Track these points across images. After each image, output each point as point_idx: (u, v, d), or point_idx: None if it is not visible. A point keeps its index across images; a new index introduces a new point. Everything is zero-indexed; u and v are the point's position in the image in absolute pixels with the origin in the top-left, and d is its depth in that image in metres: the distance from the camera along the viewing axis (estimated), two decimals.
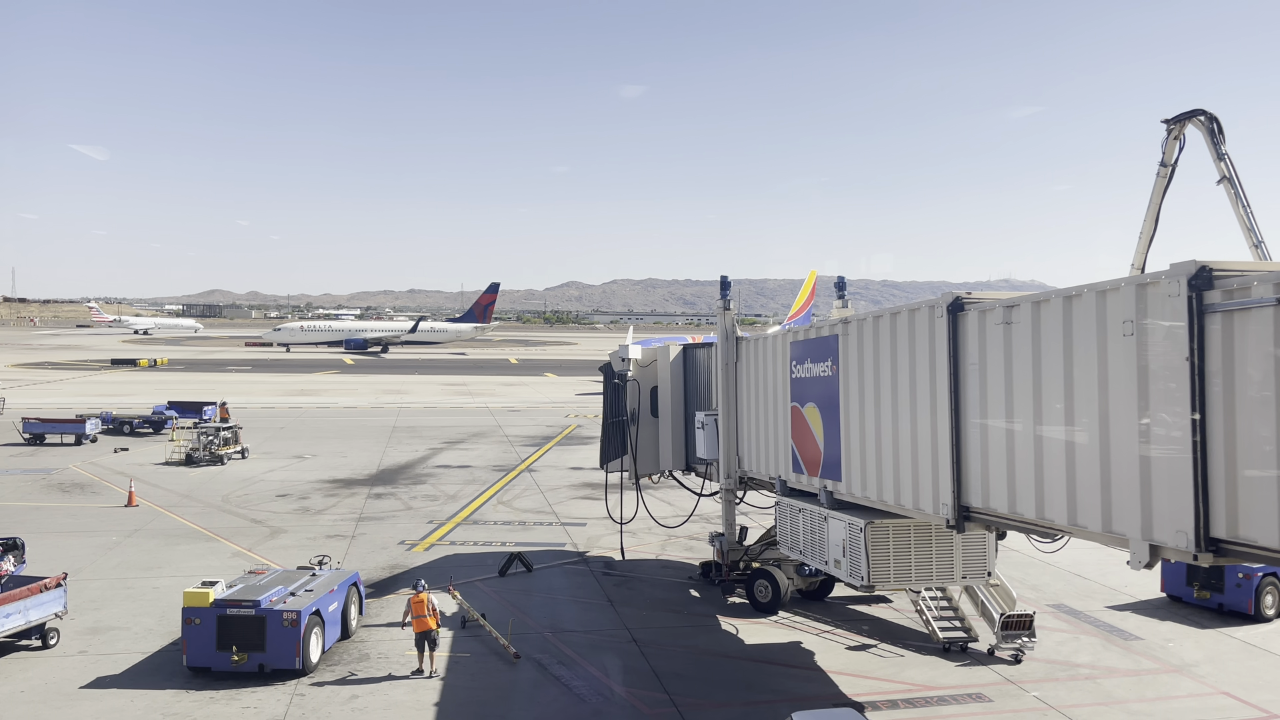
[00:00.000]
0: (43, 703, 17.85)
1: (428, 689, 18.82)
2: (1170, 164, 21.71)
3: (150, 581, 25.98)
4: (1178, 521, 11.26)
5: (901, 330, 17.30)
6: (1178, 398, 11.23)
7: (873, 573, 19.01)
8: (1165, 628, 23.29)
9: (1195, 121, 20.92)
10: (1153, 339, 11.68)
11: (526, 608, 24.13)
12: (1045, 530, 14.29)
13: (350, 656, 20.56)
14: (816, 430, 20.76)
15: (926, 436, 16.45)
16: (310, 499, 37.84)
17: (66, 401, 66.73)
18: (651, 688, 19.08)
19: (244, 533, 31.99)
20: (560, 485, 41.53)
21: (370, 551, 29.72)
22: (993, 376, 14.70)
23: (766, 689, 19.21)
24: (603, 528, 31.72)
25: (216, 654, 19.00)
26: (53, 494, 37.99)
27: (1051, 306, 13.45)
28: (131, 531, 31.84)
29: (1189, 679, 19.99)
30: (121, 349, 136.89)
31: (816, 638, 22.38)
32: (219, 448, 45.71)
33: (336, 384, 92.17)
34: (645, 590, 26.14)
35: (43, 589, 20.64)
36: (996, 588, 21.61)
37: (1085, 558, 27.45)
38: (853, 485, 19.34)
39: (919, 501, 16.83)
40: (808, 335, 21.52)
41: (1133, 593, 25.96)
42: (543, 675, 19.59)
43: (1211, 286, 10.93)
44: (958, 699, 18.73)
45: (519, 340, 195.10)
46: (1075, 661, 20.99)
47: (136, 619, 22.76)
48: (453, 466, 46.00)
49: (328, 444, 52.30)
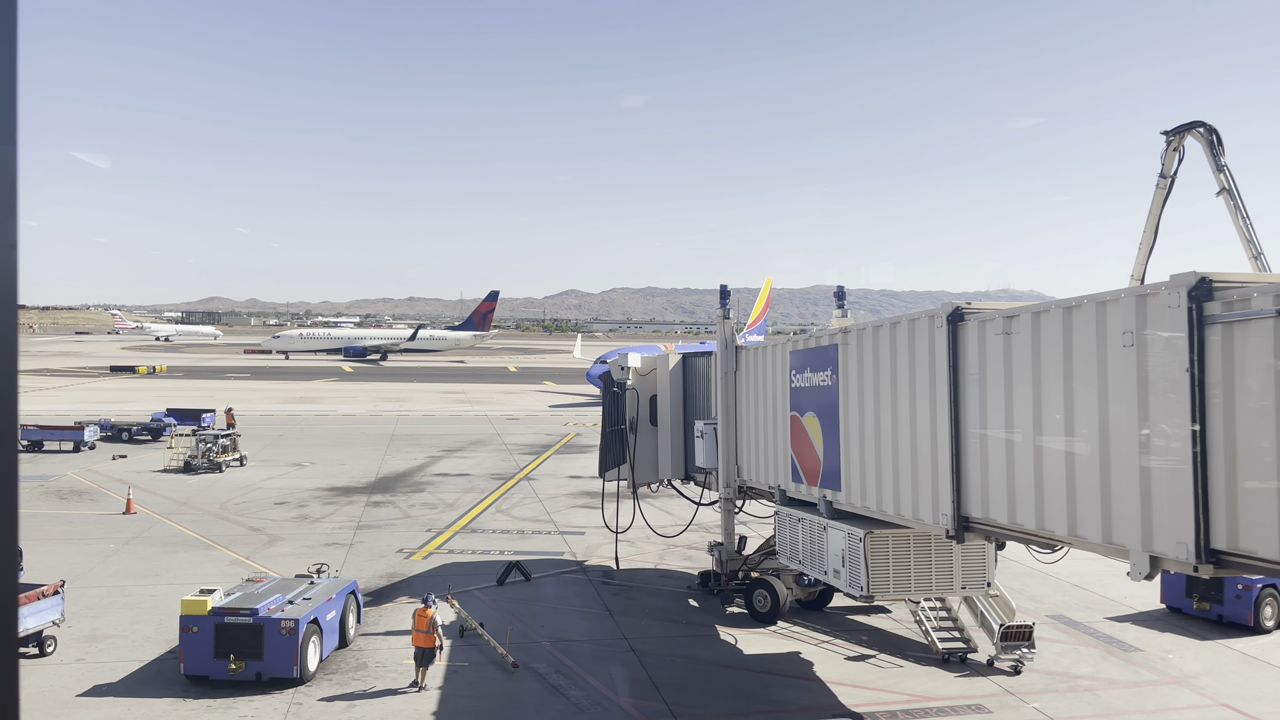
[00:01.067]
0: (39, 711, 17.78)
1: (425, 699, 18.76)
2: (1170, 175, 21.74)
3: (148, 589, 25.92)
4: (1178, 533, 11.25)
5: (901, 340, 17.32)
6: (1178, 409, 11.24)
7: (872, 583, 18.98)
8: (1165, 639, 23.26)
9: (1194, 133, 20.95)
10: (1152, 350, 11.69)
11: (525, 617, 24.08)
12: (1045, 541, 14.27)
13: (348, 665, 20.50)
14: (816, 440, 20.75)
15: (926, 447, 16.45)
16: (308, 507, 37.78)
17: (65, 408, 66.63)
18: (650, 697, 19.03)
19: (242, 540, 31.93)
20: (559, 494, 41.48)
21: (368, 560, 29.67)
22: (992, 387, 14.71)
23: (765, 699, 19.17)
24: (601, 537, 31.67)
25: (214, 662, 18.94)
26: (50, 501, 37.93)
27: (1051, 317, 13.47)
28: (129, 539, 31.78)
29: (1188, 690, 19.95)
30: (121, 356, 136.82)
31: (815, 648, 22.34)
32: (217, 455, 45.64)
33: (335, 391, 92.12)
34: (644, 599, 26.10)
35: (40, 596, 20.56)
36: (996, 598, 21.58)
37: (1085, 569, 27.44)
38: (852, 495, 19.33)
39: (919, 512, 16.82)
40: (807, 345, 21.54)
41: (1132, 604, 25.92)
42: (541, 685, 19.54)
43: (1211, 298, 10.95)
44: (957, 710, 18.68)
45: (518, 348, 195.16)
46: (1075, 673, 20.95)
47: (134, 627, 22.71)
48: (451, 475, 45.94)
49: (326, 451, 52.24)
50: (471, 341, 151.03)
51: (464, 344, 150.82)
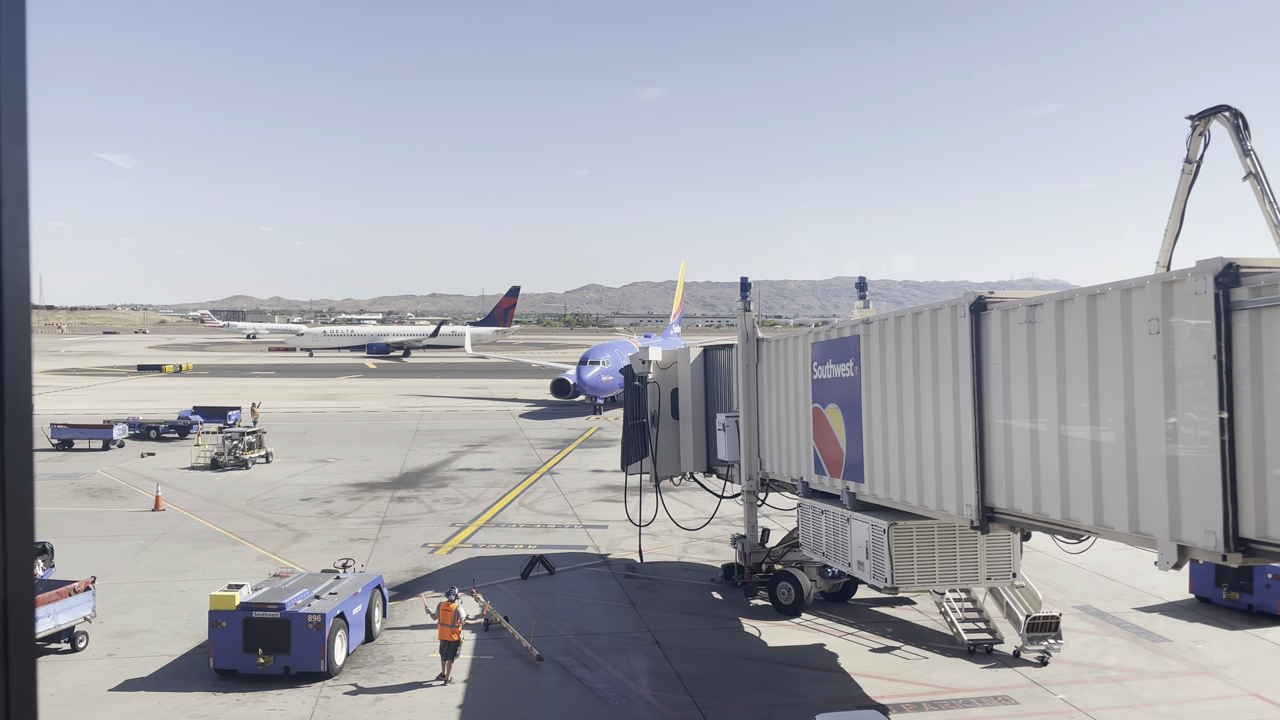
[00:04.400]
0: (72, 705, 18.05)
1: (451, 692, 18.89)
2: (1195, 160, 21.44)
3: (177, 585, 26.22)
4: (1206, 521, 11.14)
5: (924, 330, 17.21)
6: (1205, 396, 11.11)
7: (896, 575, 18.91)
8: (1194, 629, 23.03)
9: (1220, 117, 20.65)
10: (1179, 337, 11.56)
11: (549, 610, 24.17)
12: (1071, 531, 14.16)
13: (375, 659, 20.66)
14: (838, 431, 20.68)
15: (950, 437, 16.36)
16: (334, 503, 38.07)
17: (94, 407, 67.45)
18: (675, 690, 19.06)
19: (268, 536, 32.23)
20: (581, 488, 41.58)
21: (393, 554, 29.86)
22: (1016, 376, 14.60)
23: (790, 691, 19.15)
24: (624, 530, 31.71)
25: (243, 656, 19.16)
26: (81, 499, 38.42)
27: (1076, 305, 13.34)
28: (158, 535, 32.15)
29: (1218, 681, 19.75)
30: (148, 355, 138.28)
31: (840, 640, 22.29)
32: (244, 452, 46.07)
33: (359, 388, 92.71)
34: (667, 592, 26.13)
35: (71, 593, 20.85)
36: (1021, 589, 21.43)
37: (1112, 559, 27.19)
38: (875, 486, 19.25)
39: (942, 502, 16.73)
40: (829, 336, 21.46)
41: (1160, 594, 25.69)
42: (566, 677, 19.61)
43: (1238, 283, 10.81)
44: (983, 701, 18.59)
45: (539, 343, 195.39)
46: (1102, 663, 20.79)
47: (164, 622, 22.98)
48: (474, 470, 46.15)
49: (351, 448, 52.61)
50: (493, 337, 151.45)
51: (486, 340, 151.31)
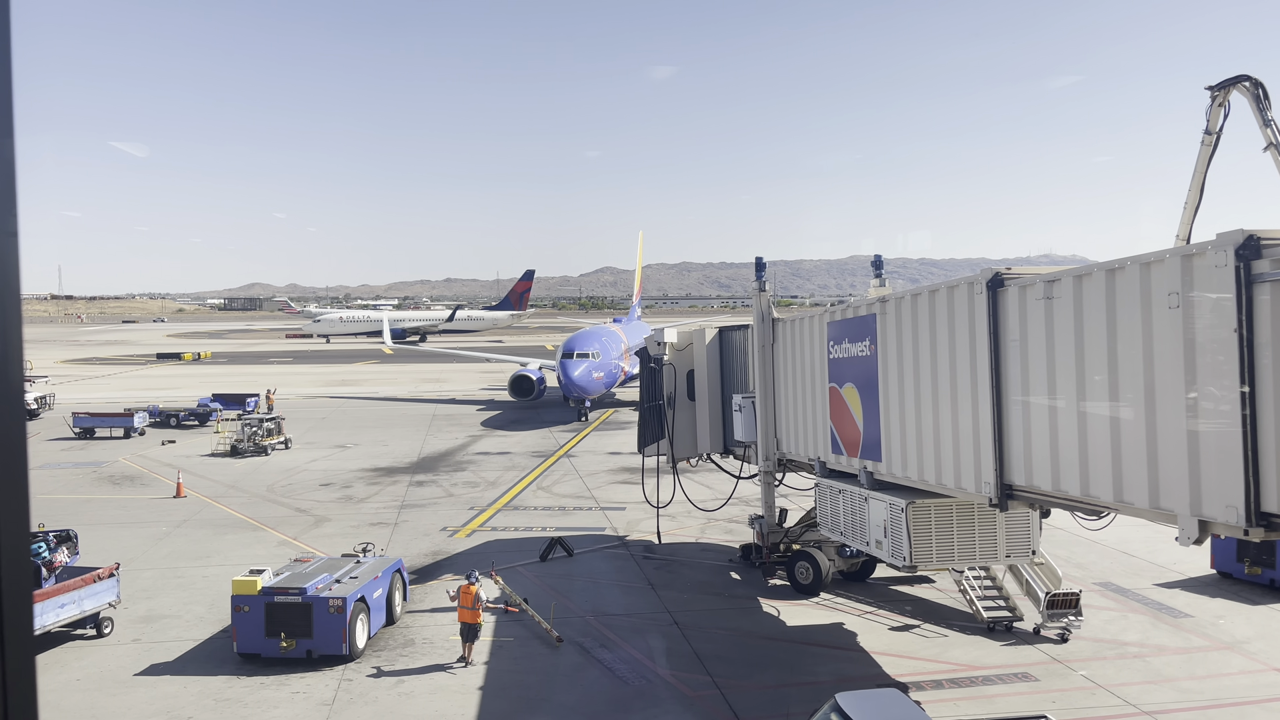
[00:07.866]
0: (98, 690, 18.29)
1: (472, 673, 19.02)
2: (1215, 132, 21.16)
3: (200, 570, 26.48)
4: (1227, 496, 11.04)
5: (940, 308, 17.10)
6: (1226, 370, 10.99)
7: (915, 553, 18.87)
8: (1215, 605, 22.91)
9: (1240, 87, 20.34)
10: (1199, 311, 11.43)
11: (568, 592, 24.28)
12: (1090, 507, 14.08)
13: (396, 642, 20.83)
14: (855, 411, 20.61)
15: (967, 415, 16.27)
16: (353, 488, 38.31)
17: (114, 396, 68.01)
18: (694, 670, 19.13)
19: (289, 522, 32.48)
20: (599, 470, 41.68)
21: (413, 538, 30.05)
22: (1034, 353, 14.49)
23: (809, 670, 19.19)
24: (642, 512, 31.78)
25: (265, 640, 19.35)
26: (103, 486, 38.81)
27: (1094, 280, 13.21)
28: (180, 522, 32.45)
29: (1240, 656, 19.66)
30: (167, 343, 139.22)
31: (859, 619, 22.30)
32: (263, 439, 46.38)
33: (376, 373, 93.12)
34: (686, 573, 26.19)
35: (96, 579, 21.10)
36: (1041, 566, 21.36)
37: (1132, 535, 27.07)
38: (893, 465, 19.19)
39: (960, 480, 16.66)
40: (845, 315, 21.35)
41: (1181, 570, 25.55)
42: (585, 658, 19.72)
43: (1260, 256, 10.66)
44: (1003, 679, 18.58)
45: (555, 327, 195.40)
46: (1123, 640, 20.72)
47: (187, 607, 23.22)
48: (492, 453, 46.31)
49: (369, 433, 52.88)
50: (509, 321, 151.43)
51: (501, 324, 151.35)
